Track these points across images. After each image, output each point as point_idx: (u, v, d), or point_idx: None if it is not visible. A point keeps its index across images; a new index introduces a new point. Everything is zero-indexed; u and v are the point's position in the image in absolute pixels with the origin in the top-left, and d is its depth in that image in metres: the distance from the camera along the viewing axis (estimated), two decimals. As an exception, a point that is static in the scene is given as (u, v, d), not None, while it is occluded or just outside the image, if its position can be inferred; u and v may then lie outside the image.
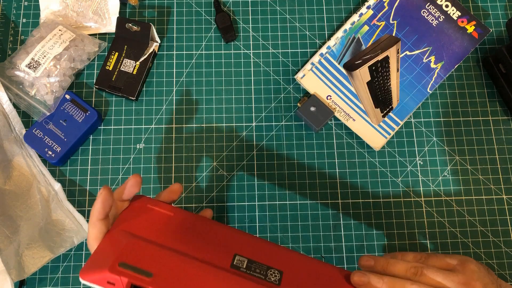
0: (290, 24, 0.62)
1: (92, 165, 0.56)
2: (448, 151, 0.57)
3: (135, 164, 0.56)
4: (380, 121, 0.57)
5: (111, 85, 0.57)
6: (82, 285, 0.52)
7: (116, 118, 0.58)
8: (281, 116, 0.58)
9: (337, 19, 0.62)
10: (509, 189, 0.56)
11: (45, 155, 0.54)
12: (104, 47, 0.60)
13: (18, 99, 0.56)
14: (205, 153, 0.57)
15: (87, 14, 0.60)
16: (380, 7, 0.60)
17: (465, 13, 0.59)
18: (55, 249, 0.51)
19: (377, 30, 0.59)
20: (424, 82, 0.58)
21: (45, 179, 0.54)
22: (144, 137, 0.57)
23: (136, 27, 0.58)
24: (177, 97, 0.59)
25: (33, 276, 0.52)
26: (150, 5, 0.62)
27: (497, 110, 0.59)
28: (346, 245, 0.54)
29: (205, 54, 0.60)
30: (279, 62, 0.60)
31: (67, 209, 0.53)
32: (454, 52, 0.58)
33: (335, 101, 0.57)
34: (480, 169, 0.57)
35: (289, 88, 0.59)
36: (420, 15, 0.59)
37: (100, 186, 0.55)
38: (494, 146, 0.58)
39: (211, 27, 0.61)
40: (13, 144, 0.55)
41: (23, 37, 0.60)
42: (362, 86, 0.57)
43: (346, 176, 0.56)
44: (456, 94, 0.59)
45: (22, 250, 0.50)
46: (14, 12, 0.61)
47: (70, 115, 0.56)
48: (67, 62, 0.56)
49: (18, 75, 0.55)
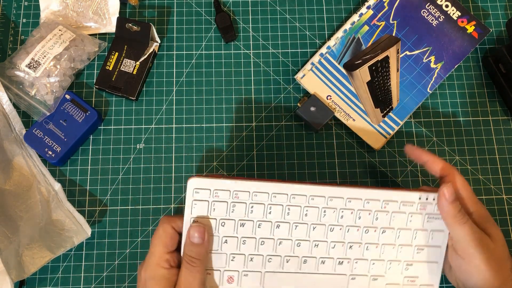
0: (290, 24, 0.62)
1: (92, 165, 0.56)
2: (448, 151, 0.57)
3: (135, 164, 0.56)
4: (380, 121, 0.57)
5: (111, 85, 0.57)
6: (82, 286, 0.52)
7: (116, 118, 0.58)
8: (281, 116, 0.58)
9: (337, 19, 0.62)
10: (509, 189, 0.56)
11: (45, 155, 0.54)
12: (104, 47, 0.60)
13: (18, 99, 0.56)
14: (205, 153, 0.57)
15: (87, 14, 0.60)
16: (380, 7, 0.60)
17: (465, 13, 0.59)
18: (55, 249, 0.51)
19: (377, 30, 0.59)
20: (424, 82, 0.58)
21: (45, 179, 0.54)
22: (144, 137, 0.57)
23: (136, 27, 0.58)
24: (177, 97, 0.59)
25: (33, 276, 0.52)
26: (150, 5, 0.62)
27: (497, 110, 0.59)
28: (346, 245, 0.54)
29: (205, 54, 0.60)
30: (279, 62, 0.60)
31: (67, 209, 0.53)
32: (454, 52, 0.58)
33: (335, 101, 0.57)
34: (480, 169, 0.57)
35: (289, 88, 0.59)
36: (420, 15, 0.59)
37: (100, 186, 0.55)
38: (494, 146, 0.58)
39: (211, 27, 0.61)
40: (13, 144, 0.55)
41: (23, 37, 0.60)
42: (362, 86, 0.57)
43: (346, 176, 0.56)
44: (456, 94, 0.59)
45: (22, 250, 0.50)
46: (14, 12, 0.61)
47: (70, 115, 0.56)
48: (67, 62, 0.56)
49: (18, 75, 0.55)
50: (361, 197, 0.45)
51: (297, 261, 0.45)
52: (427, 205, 0.45)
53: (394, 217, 0.45)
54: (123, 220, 0.54)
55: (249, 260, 0.44)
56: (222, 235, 0.44)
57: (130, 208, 0.55)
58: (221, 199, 0.43)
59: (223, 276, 0.44)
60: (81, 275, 0.53)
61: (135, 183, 0.56)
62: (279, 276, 0.44)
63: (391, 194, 0.45)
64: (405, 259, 0.46)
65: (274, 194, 0.44)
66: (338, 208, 0.45)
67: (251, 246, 0.44)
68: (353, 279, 0.45)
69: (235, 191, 0.44)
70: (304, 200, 0.44)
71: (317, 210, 0.45)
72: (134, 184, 0.56)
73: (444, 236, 0.46)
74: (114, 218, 0.54)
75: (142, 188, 0.55)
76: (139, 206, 0.55)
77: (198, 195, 0.43)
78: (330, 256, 0.45)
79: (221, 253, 0.44)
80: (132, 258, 0.53)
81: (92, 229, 0.53)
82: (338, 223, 0.45)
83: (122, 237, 0.54)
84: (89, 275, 0.53)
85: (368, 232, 0.45)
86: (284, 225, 0.44)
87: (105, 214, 0.55)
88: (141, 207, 0.55)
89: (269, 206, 0.44)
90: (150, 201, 0.55)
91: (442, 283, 0.52)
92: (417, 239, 0.46)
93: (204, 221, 0.43)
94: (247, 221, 0.44)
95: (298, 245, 0.45)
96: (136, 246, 0.54)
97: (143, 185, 0.56)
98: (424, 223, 0.46)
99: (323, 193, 0.44)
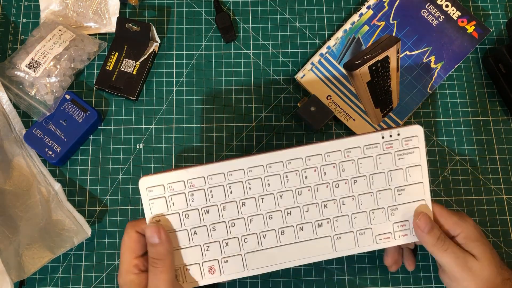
0: (290, 24, 0.62)
1: (92, 165, 0.56)
2: (448, 151, 0.57)
3: (135, 164, 0.56)
4: (380, 121, 0.57)
5: (111, 85, 0.57)
6: (82, 286, 0.52)
7: (116, 118, 0.58)
8: (281, 116, 0.58)
9: (337, 19, 0.62)
10: (509, 189, 0.56)
11: (45, 155, 0.54)
12: (104, 47, 0.60)
13: (18, 99, 0.56)
14: (205, 153, 0.57)
15: (87, 14, 0.60)
16: (380, 7, 0.60)
17: (465, 13, 0.59)
18: (55, 249, 0.51)
19: (377, 30, 0.59)
20: (424, 82, 0.58)
21: (45, 179, 0.54)
22: (144, 137, 0.57)
23: (136, 27, 0.58)
24: (177, 97, 0.59)
25: (33, 276, 0.52)
26: (150, 5, 0.62)
27: (497, 110, 0.59)
28: (346, 245, 0.54)
29: (205, 54, 0.60)
30: (279, 62, 0.60)
31: (67, 209, 0.53)
32: (454, 52, 0.58)
33: (335, 101, 0.57)
34: (480, 169, 0.57)
35: (289, 88, 0.59)
36: (420, 15, 0.59)
37: (100, 186, 0.55)
38: (494, 146, 0.58)
39: (211, 27, 0.61)
40: (13, 144, 0.55)
41: (23, 37, 0.60)
42: (362, 86, 0.57)
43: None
44: (456, 94, 0.59)
45: (22, 250, 0.50)
46: (14, 12, 0.61)
47: (70, 115, 0.56)
48: (67, 62, 0.56)
49: (18, 75, 0.55)
50: (320, 152, 0.43)
51: (274, 234, 0.43)
52: (393, 142, 0.43)
53: (361, 163, 0.43)
54: (123, 220, 0.54)
55: (225, 245, 0.43)
56: (190, 227, 0.42)
57: (130, 208, 0.55)
58: (177, 192, 0.42)
59: (204, 268, 0.43)
60: (81, 275, 0.53)
61: (135, 183, 0.56)
62: (260, 254, 0.43)
63: (350, 141, 0.43)
64: (387, 204, 0.44)
65: (229, 173, 0.42)
66: (300, 170, 0.43)
67: (222, 230, 0.43)
68: (339, 238, 0.44)
69: (189, 180, 0.42)
70: (262, 170, 0.43)
71: (278, 177, 0.43)
72: (134, 184, 0.56)
73: (423, 170, 0.44)
74: (114, 218, 0.54)
75: (142, 188, 0.55)
76: (139, 206, 0.55)
77: (152, 193, 0.42)
78: (307, 221, 0.43)
79: (194, 246, 0.42)
80: (132, 258, 0.53)
81: (92, 229, 0.53)
82: (304, 184, 0.43)
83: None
84: (89, 275, 0.53)
85: (339, 186, 0.43)
86: (249, 201, 0.43)
87: (105, 214, 0.55)
88: (141, 207, 0.55)
89: (228, 186, 0.42)
90: (150, 201, 0.55)
91: (442, 283, 0.52)
92: (393, 181, 0.44)
93: (166, 218, 0.42)
94: (211, 207, 0.43)
95: (270, 218, 0.43)
96: (136, 246, 0.54)
97: (143, 185, 0.56)
98: (396, 162, 0.44)
99: (279, 158, 0.43)
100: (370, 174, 0.44)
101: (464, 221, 0.44)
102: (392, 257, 0.49)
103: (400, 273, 0.53)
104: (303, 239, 0.43)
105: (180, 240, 0.43)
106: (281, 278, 0.52)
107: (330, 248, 0.44)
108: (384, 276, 0.53)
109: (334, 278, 0.53)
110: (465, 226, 0.44)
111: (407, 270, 0.52)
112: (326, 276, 0.53)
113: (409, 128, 0.44)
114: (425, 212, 0.44)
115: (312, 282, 0.52)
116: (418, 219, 0.43)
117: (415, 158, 0.44)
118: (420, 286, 0.52)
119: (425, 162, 0.44)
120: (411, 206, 0.44)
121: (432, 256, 0.53)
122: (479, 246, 0.43)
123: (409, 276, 0.53)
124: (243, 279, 0.52)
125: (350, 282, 0.53)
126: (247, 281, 0.52)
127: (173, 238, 0.43)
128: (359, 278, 0.53)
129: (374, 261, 0.53)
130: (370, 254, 0.53)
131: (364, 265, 0.53)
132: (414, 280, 0.53)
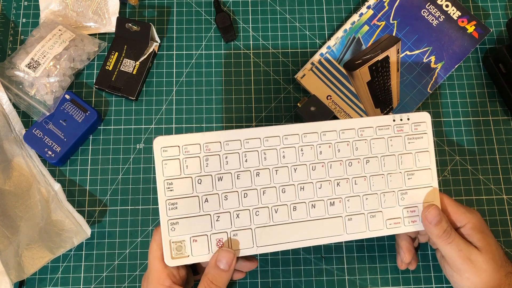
0: (290, 24, 0.62)
1: (92, 165, 0.56)
2: (448, 151, 0.57)
3: (135, 164, 0.56)
4: (380, 121, 0.57)
5: (111, 85, 0.57)
6: (82, 286, 0.52)
7: (116, 118, 0.58)
8: (281, 116, 0.58)
9: (337, 19, 0.62)
10: (509, 189, 0.56)
11: (45, 155, 0.54)
12: (104, 47, 0.60)
13: (18, 99, 0.56)
14: (205, 153, 0.57)
15: (87, 14, 0.60)
16: (380, 7, 0.60)
17: (465, 13, 0.59)
18: (55, 249, 0.51)
19: (377, 30, 0.59)
20: (424, 82, 0.58)
21: (45, 179, 0.54)
22: (144, 137, 0.57)
23: (136, 27, 0.58)
24: (177, 97, 0.59)
25: (33, 276, 0.52)
26: (150, 5, 0.62)
27: (497, 110, 0.59)
28: (346, 245, 0.54)
29: (205, 54, 0.60)
30: (279, 62, 0.60)
31: (67, 210, 0.53)
32: (454, 52, 0.58)
33: (335, 101, 0.57)
34: (480, 169, 0.57)
35: (289, 88, 0.59)
36: (420, 15, 0.59)
37: (100, 186, 0.55)
38: (494, 146, 0.58)
39: (211, 27, 0.61)
40: (13, 144, 0.55)
41: (23, 37, 0.60)
42: (362, 86, 0.57)
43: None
44: (456, 94, 0.59)
45: (21, 251, 0.50)
46: (14, 12, 0.61)
47: (70, 115, 0.55)
48: (67, 62, 0.56)
49: (18, 75, 0.55)
50: (335, 128, 0.43)
51: (286, 210, 0.42)
52: (403, 126, 0.45)
53: (374, 143, 0.44)
54: (123, 220, 0.54)
55: (236, 217, 0.42)
56: (202, 194, 0.41)
57: (130, 208, 0.55)
58: (192, 154, 0.41)
59: (211, 240, 0.41)
60: (81, 275, 0.53)
61: (135, 183, 0.56)
62: (270, 230, 0.42)
63: (363, 121, 0.44)
64: (397, 188, 0.44)
65: (246, 140, 0.42)
66: (315, 144, 0.43)
67: (234, 200, 0.42)
68: (350, 220, 0.44)
69: (205, 144, 0.41)
70: (278, 141, 0.42)
71: (294, 150, 0.43)
72: (134, 184, 0.56)
73: (431, 155, 0.45)
74: (114, 218, 0.54)
75: (142, 188, 0.55)
76: (139, 206, 0.55)
77: (167, 153, 0.41)
78: (320, 198, 0.43)
79: (204, 215, 0.41)
80: (132, 258, 0.53)
81: (91, 229, 0.53)
82: (318, 160, 0.43)
83: (122, 237, 0.54)
84: (89, 275, 0.53)
85: (352, 165, 0.44)
86: (263, 171, 0.42)
87: (105, 214, 0.55)
88: (141, 207, 0.55)
89: (244, 154, 0.42)
90: (150, 201, 0.55)
91: (442, 283, 0.52)
92: (404, 164, 0.44)
93: (177, 181, 0.41)
94: (224, 174, 0.42)
95: (283, 192, 0.42)
96: (136, 246, 0.54)
97: (143, 185, 0.55)
98: (406, 145, 0.45)
99: (296, 131, 0.43)
100: (382, 155, 0.44)
101: (471, 213, 0.45)
102: (409, 252, 0.48)
103: (400, 273, 0.53)
104: (315, 217, 0.43)
105: (190, 207, 0.41)
106: (281, 278, 0.52)
107: (341, 229, 0.43)
108: (384, 276, 0.53)
109: (334, 278, 0.53)
110: (472, 217, 0.45)
111: (407, 270, 0.52)
112: (326, 276, 0.53)
113: (418, 113, 0.46)
114: (434, 201, 0.45)
115: (312, 282, 0.52)
116: (428, 211, 0.44)
117: (424, 143, 0.45)
118: (420, 286, 0.52)
119: (432, 148, 0.45)
120: (420, 191, 0.45)
121: (432, 256, 0.53)
122: (484, 238, 0.44)
123: (409, 276, 0.53)
124: (243, 279, 0.52)
125: (350, 282, 0.53)
126: (247, 281, 0.52)
127: (183, 204, 0.42)
128: (359, 278, 0.53)
129: (375, 261, 0.53)
130: (370, 255, 0.53)
131: (364, 265, 0.53)
132: (414, 280, 0.53)
